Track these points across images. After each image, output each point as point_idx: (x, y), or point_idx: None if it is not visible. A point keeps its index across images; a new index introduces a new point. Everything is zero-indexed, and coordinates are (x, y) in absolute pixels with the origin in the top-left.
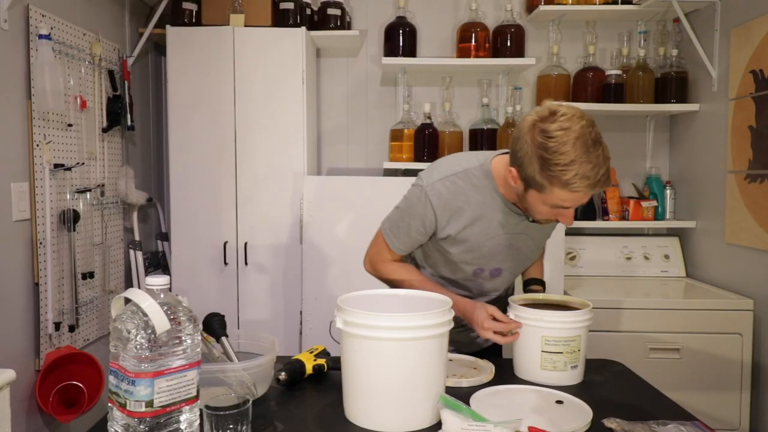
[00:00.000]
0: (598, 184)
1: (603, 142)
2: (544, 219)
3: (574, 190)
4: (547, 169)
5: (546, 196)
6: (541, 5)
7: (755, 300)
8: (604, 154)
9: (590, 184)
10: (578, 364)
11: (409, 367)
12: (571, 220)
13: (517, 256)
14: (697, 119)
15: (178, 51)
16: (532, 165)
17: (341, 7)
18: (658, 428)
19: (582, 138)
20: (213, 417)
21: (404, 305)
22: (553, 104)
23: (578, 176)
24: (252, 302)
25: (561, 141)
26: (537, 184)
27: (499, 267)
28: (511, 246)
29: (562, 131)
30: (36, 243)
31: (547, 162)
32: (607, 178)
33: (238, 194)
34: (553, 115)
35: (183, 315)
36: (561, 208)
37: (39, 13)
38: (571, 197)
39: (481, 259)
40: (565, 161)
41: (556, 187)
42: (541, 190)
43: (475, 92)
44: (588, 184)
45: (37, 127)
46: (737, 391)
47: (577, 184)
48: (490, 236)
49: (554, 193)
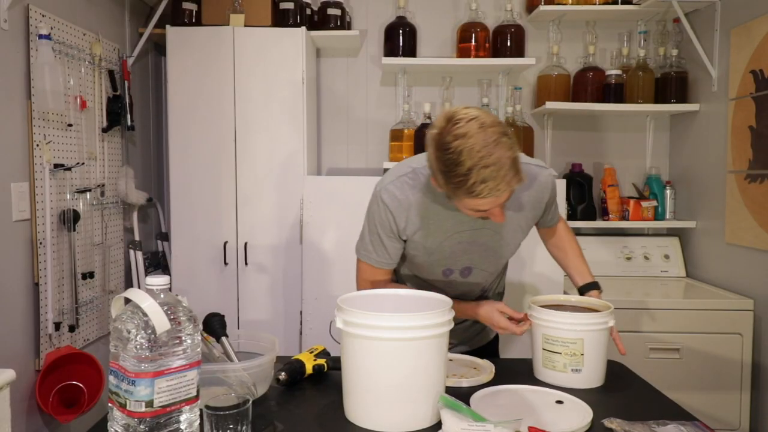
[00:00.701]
0: (502, 183)
1: (506, 138)
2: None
3: (480, 197)
4: (450, 182)
5: (462, 204)
6: (541, 5)
7: (755, 300)
8: (506, 151)
9: (494, 187)
10: (580, 368)
11: (409, 367)
12: (500, 218)
13: (485, 252)
14: (697, 119)
15: (178, 51)
16: (438, 179)
17: (341, 7)
18: (658, 428)
19: (478, 142)
20: (213, 417)
21: (404, 305)
22: (451, 111)
23: (478, 183)
24: (252, 302)
25: (457, 151)
26: (449, 195)
27: (468, 266)
28: (474, 243)
29: (458, 141)
30: (36, 243)
31: (448, 175)
32: (514, 174)
33: (238, 194)
34: (450, 124)
35: (183, 315)
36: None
37: (39, 13)
38: (483, 202)
39: (446, 260)
40: (463, 171)
41: (464, 197)
42: (455, 199)
43: (475, 92)
44: (492, 186)
45: (37, 127)
46: (737, 391)
47: (479, 190)
48: (448, 234)
49: (465, 202)
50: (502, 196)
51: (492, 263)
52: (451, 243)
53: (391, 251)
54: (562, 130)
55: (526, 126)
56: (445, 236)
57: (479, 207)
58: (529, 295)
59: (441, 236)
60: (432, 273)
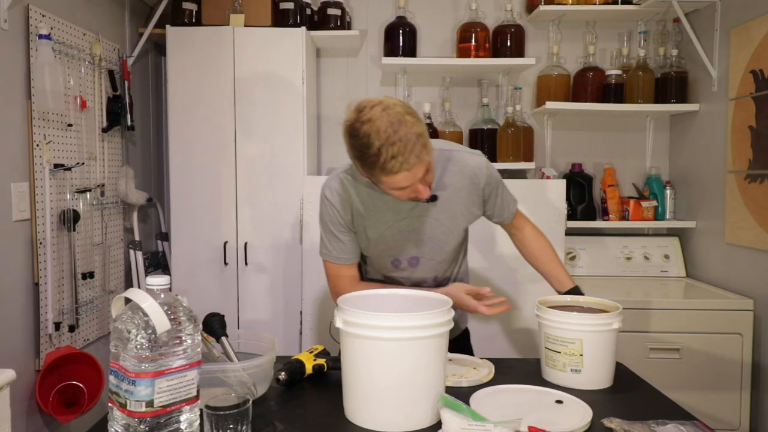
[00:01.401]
0: (411, 156)
1: (409, 116)
2: (408, 198)
3: (394, 172)
4: (365, 165)
5: (384, 185)
6: (541, 5)
7: (755, 300)
8: (411, 127)
9: (404, 160)
10: (580, 369)
11: (409, 367)
12: (424, 194)
13: (429, 241)
14: (697, 119)
15: (178, 51)
16: (357, 166)
17: (341, 7)
18: (657, 428)
19: (383, 124)
20: (213, 417)
21: (404, 305)
22: (358, 101)
23: (389, 159)
24: (252, 302)
25: (365, 134)
26: (371, 179)
27: (415, 255)
28: (415, 231)
29: (366, 126)
30: (36, 243)
31: (363, 159)
32: (421, 147)
33: (238, 194)
34: (357, 113)
35: (183, 315)
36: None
37: (39, 13)
38: (399, 178)
39: (391, 250)
40: (374, 152)
41: (381, 176)
42: (376, 181)
43: (474, 92)
44: (402, 161)
45: (37, 127)
46: (737, 391)
47: (391, 166)
48: (388, 224)
49: (385, 182)
50: (415, 170)
51: (437, 251)
52: (393, 232)
53: (347, 245)
54: (562, 130)
55: (526, 126)
56: (386, 226)
57: (398, 184)
58: (538, 295)
59: (382, 226)
60: (383, 266)
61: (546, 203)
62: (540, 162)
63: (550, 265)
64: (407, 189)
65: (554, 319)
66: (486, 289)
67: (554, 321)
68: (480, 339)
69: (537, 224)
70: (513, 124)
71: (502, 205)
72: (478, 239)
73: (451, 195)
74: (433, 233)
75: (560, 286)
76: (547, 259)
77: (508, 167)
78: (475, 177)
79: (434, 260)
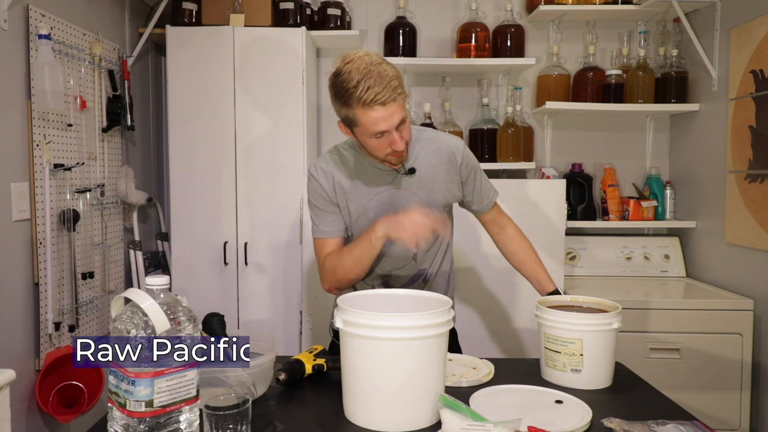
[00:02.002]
0: (387, 90)
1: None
2: (384, 155)
3: (370, 105)
4: (344, 99)
5: (361, 127)
6: (541, 5)
7: (755, 300)
8: (389, 68)
9: (380, 92)
10: (580, 369)
11: (409, 367)
12: (400, 144)
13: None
14: (697, 119)
15: (178, 51)
16: (337, 105)
17: (341, 7)
18: (657, 428)
19: (363, 63)
20: (213, 417)
21: (404, 305)
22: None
23: (366, 90)
24: (252, 302)
25: (346, 71)
26: (350, 120)
27: None
28: (395, 204)
29: (347, 65)
30: (36, 243)
31: (341, 93)
32: (397, 85)
33: (238, 194)
34: (342, 59)
35: (183, 315)
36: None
37: (39, 13)
38: (377, 115)
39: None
40: (353, 84)
41: (358, 110)
42: (355, 123)
43: (474, 92)
44: (378, 91)
45: (37, 127)
46: (737, 391)
47: (368, 96)
48: (371, 195)
49: (362, 118)
50: (391, 109)
51: None
52: (373, 204)
53: (329, 217)
54: (562, 130)
55: (526, 126)
56: (367, 198)
57: (375, 125)
58: (535, 294)
59: (364, 199)
60: None
61: (546, 203)
62: (540, 162)
63: (532, 267)
64: (383, 139)
65: (554, 319)
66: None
67: (554, 321)
68: (479, 339)
69: (537, 224)
70: (513, 124)
71: (481, 192)
72: (480, 239)
73: (429, 171)
74: (410, 206)
75: (541, 288)
76: (528, 260)
77: (508, 167)
78: (452, 155)
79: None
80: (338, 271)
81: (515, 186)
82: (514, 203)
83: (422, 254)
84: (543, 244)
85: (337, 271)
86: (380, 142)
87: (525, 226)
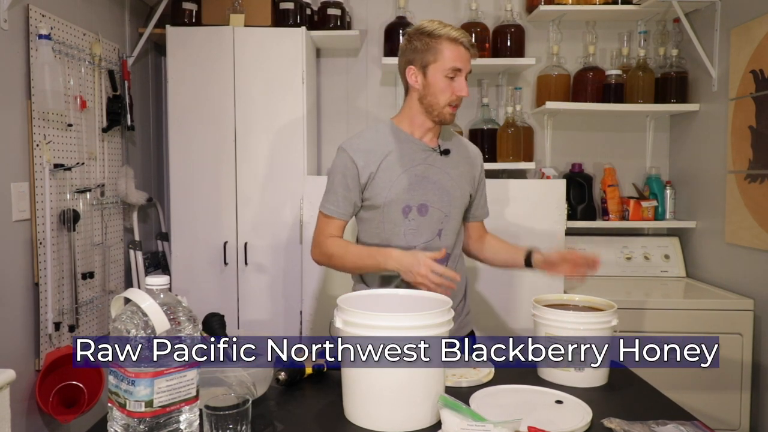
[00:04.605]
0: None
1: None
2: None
3: (457, 42)
4: (430, 39)
5: (440, 62)
6: (541, 5)
7: (755, 300)
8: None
9: (462, 34)
10: (579, 368)
11: (409, 367)
12: (466, 90)
13: (438, 190)
14: (697, 119)
15: (178, 51)
16: (419, 46)
17: (341, 7)
18: (657, 428)
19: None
20: (213, 417)
21: (404, 305)
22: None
23: (455, 30)
24: (252, 302)
25: (429, 23)
26: (430, 56)
27: (424, 202)
28: (428, 178)
29: (428, 22)
30: (36, 243)
31: (429, 33)
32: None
33: (238, 194)
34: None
35: (183, 315)
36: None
37: (39, 13)
38: (459, 52)
39: (405, 194)
40: (444, 28)
41: (445, 44)
42: (435, 58)
43: (474, 92)
44: (460, 34)
45: (37, 127)
46: (737, 391)
47: (458, 35)
48: (405, 167)
49: (445, 51)
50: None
51: (445, 203)
52: (409, 176)
53: (342, 200)
54: (562, 130)
55: (526, 126)
56: (403, 169)
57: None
58: (531, 294)
59: (399, 169)
60: (392, 218)
61: (546, 203)
62: (540, 162)
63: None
64: (453, 82)
65: (552, 318)
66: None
67: (552, 320)
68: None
69: (537, 224)
70: (513, 124)
71: (482, 202)
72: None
73: (459, 160)
74: (443, 183)
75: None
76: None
77: (508, 167)
78: (475, 157)
79: (441, 211)
80: (334, 260)
81: (515, 186)
82: (514, 203)
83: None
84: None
85: (334, 260)
86: (448, 84)
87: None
